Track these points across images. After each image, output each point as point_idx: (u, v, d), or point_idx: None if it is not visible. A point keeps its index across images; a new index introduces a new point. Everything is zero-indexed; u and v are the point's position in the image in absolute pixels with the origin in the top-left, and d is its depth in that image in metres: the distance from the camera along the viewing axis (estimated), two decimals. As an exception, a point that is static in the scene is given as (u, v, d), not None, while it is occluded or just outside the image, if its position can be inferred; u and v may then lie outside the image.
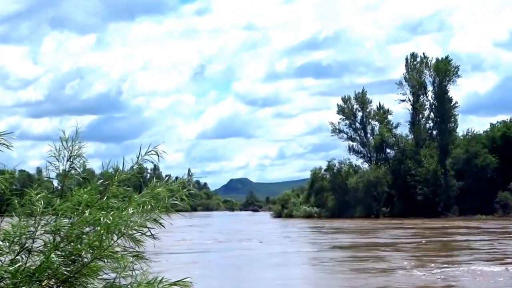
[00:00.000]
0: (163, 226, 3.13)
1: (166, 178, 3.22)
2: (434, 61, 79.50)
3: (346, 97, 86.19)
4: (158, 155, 3.12)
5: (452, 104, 78.85)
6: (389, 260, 23.88)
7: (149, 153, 3.13)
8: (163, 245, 26.49)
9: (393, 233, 41.40)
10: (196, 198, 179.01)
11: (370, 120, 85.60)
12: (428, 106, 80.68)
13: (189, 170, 3.36)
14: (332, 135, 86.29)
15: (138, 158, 3.14)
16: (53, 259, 2.88)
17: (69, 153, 3.20)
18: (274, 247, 31.96)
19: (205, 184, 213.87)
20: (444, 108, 77.98)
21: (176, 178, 3.23)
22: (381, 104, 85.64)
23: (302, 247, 31.96)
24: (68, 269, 2.92)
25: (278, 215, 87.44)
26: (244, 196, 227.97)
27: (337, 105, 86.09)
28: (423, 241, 32.80)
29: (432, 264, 21.87)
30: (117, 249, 3.01)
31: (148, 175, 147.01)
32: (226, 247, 31.79)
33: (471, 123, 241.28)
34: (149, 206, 3.02)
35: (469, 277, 19.00)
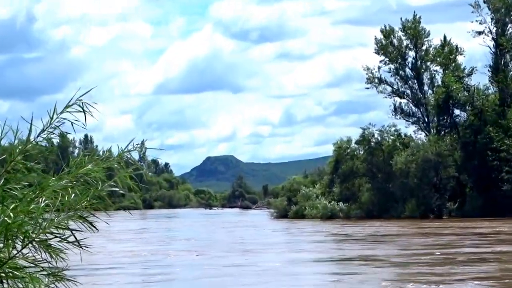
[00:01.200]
0: (95, 227, 3.13)
1: (103, 151, 3.22)
2: (530, -31, 79.60)
3: (389, 28, 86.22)
4: (84, 111, 3.07)
5: (558, 39, 79.19)
6: (366, 280, 26.79)
7: (70, 109, 3.09)
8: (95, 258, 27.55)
9: (413, 241, 44.57)
10: (152, 187, 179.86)
11: (428, 64, 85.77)
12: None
13: (142, 143, 3.37)
14: (368, 88, 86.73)
15: (52, 117, 3.10)
16: None
17: None
18: (215, 261, 34.66)
19: (167, 165, 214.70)
20: (546, 45, 78.25)
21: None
22: (446, 39, 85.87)
23: (253, 259, 34.86)
24: None
25: (282, 215, 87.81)
26: (228, 184, 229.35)
27: (375, 39, 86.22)
28: (437, 253, 36.10)
29: (410, 285, 24.82)
30: (23, 263, 3.02)
31: (77, 150, 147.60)
32: (146, 264, 34.45)
33: None
34: (73, 196, 3.02)
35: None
